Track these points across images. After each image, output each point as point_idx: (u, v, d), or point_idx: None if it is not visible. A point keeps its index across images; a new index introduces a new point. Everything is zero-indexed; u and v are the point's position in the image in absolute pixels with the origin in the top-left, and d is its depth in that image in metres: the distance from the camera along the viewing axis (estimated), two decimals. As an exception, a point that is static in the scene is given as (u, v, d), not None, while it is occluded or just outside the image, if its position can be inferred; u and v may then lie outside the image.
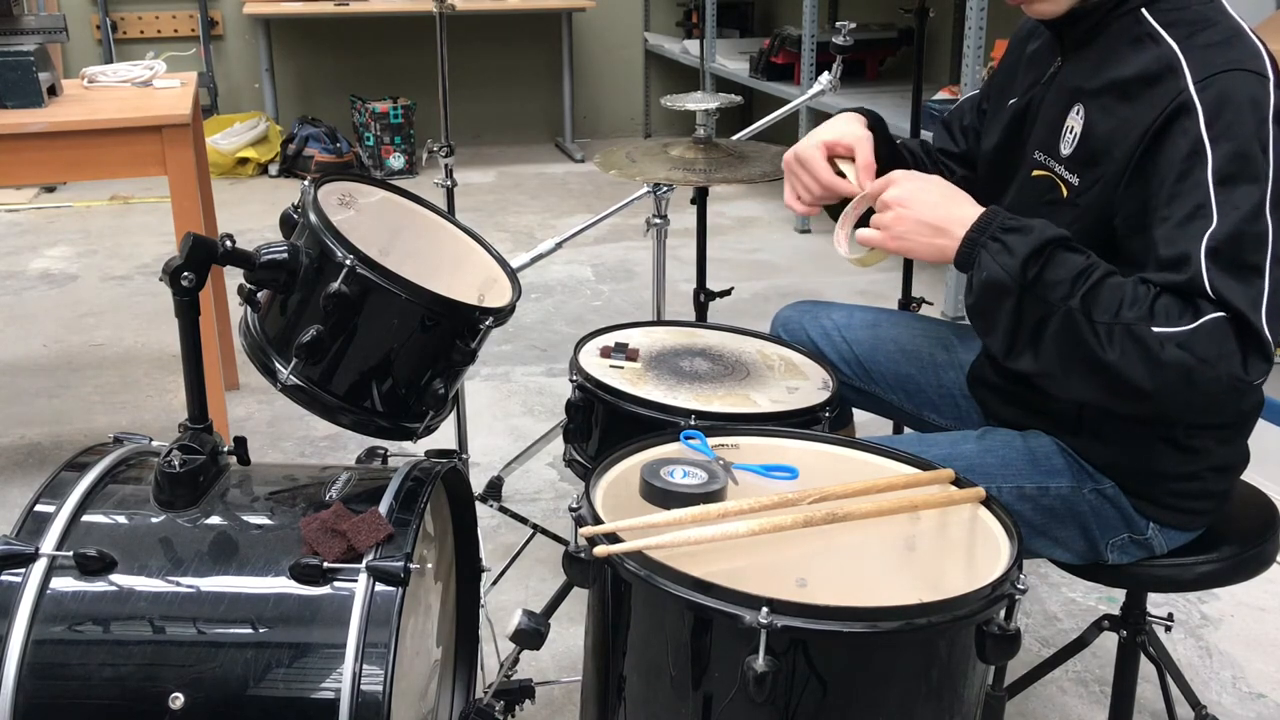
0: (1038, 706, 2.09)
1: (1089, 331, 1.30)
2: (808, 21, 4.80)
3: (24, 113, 2.53)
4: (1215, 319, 1.28)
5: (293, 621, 1.32)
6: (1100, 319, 1.30)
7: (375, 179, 1.85)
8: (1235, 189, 1.29)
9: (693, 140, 2.22)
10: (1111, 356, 1.29)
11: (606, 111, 6.87)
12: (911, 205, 1.42)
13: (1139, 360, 1.28)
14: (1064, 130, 1.49)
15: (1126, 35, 1.44)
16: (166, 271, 1.46)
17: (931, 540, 1.35)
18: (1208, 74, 1.33)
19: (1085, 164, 1.45)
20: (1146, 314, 1.29)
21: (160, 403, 3.30)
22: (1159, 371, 1.28)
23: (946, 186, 1.45)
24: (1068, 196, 1.47)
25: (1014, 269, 1.33)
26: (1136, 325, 1.29)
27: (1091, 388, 1.34)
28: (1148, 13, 1.42)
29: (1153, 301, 1.30)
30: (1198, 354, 1.27)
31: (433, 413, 1.67)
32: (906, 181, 1.45)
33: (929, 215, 1.41)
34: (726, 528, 1.22)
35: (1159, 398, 1.30)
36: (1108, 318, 1.30)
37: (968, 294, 1.40)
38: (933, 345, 1.83)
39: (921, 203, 1.42)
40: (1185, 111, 1.33)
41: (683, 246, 4.05)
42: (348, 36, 6.32)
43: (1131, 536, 1.53)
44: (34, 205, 5.35)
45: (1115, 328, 1.29)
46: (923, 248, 1.42)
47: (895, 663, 1.13)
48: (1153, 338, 1.28)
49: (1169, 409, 1.35)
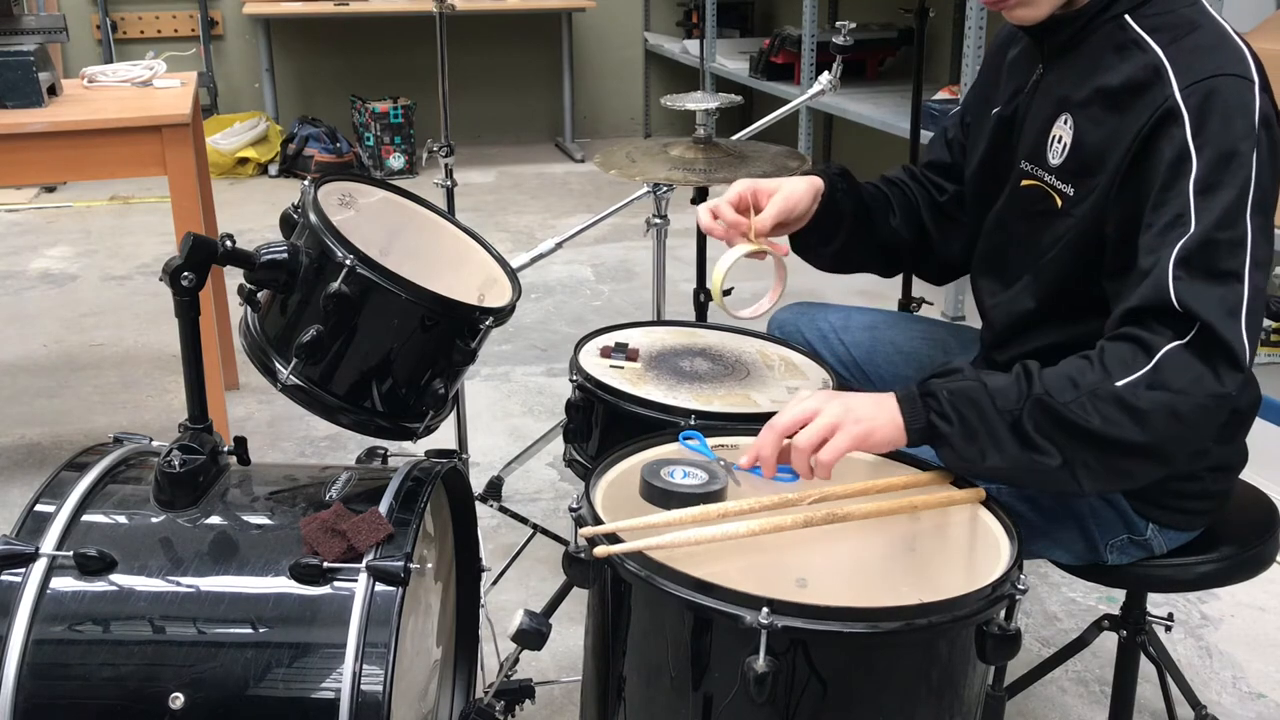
0: (1038, 706, 2.09)
1: (1064, 410, 1.25)
2: (808, 21, 4.80)
3: (24, 113, 2.53)
4: (1170, 350, 1.25)
5: (293, 621, 1.32)
6: (1065, 398, 1.26)
7: (375, 179, 1.85)
8: (1215, 195, 1.28)
9: (693, 140, 2.22)
10: (1096, 423, 1.25)
11: (606, 111, 6.87)
12: (837, 397, 1.34)
13: (1123, 417, 1.24)
14: (1051, 140, 1.48)
15: (1110, 42, 1.42)
16: (166, 271, 1.46)
17: (931, 540, 1.35)
18: (1194, 80, 1.32)
19: (1078, 174, 1.44)
20: (1103, 374, 1.26)
21: (160, 403, 3.30)
22: (1145, 420, 1.24)
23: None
24: (1062, 207, 1.46)
25: (969, 374, 1.30)
26: (1100, 387, 1.25)
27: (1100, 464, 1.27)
28: (1131, 19, 1.41)
29: (1101, 360, 1.27)
30: (1172, 388, 1.24)
31: (433, 413, 1.67)
32: (820, 393, 1.38)
33: (856, 396, 1.35)
34: (726, 528, 1.22)
35: (1159, 448, 1.26)
36: (1070, 395, 1.26)
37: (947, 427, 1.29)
38: (931, 347, 1.82)
39: (846, 396, 1.35)
40: (1172, 118, 1.32)
41: (683, 246, 4.05)
42: (348, 36, 6.32)
43: (1131, 537, 1.53)
44: (34, 205, 5.35)
45: (1083, 399, 1.25)
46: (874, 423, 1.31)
47: (895, 663, 1.13)
48: (1123, 391, 1.25)
49: (1173, 454, 1.28)
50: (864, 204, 1.69)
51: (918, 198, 1.75)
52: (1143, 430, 1.24)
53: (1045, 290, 1.50)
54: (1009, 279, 1.57)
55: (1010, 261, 1.56)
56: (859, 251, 1.72)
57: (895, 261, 1.79)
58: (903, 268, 1.83)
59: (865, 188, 1.71)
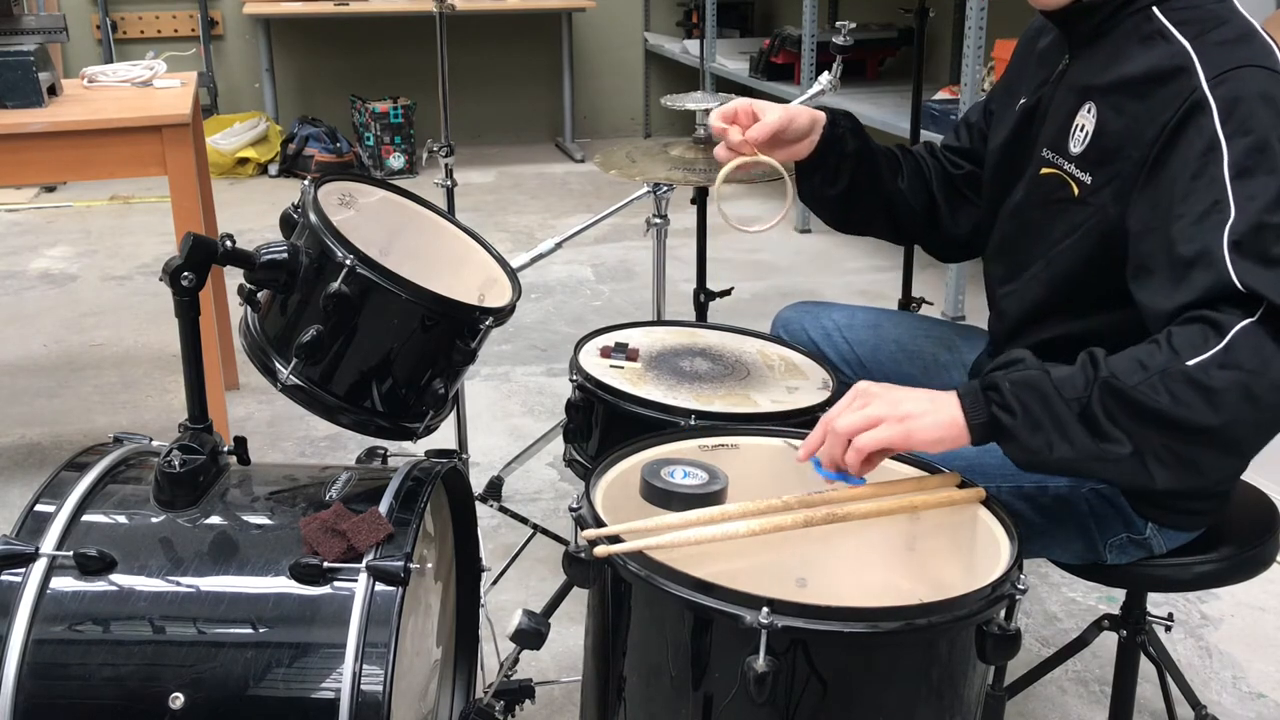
0: (1038, 706, 2.09)
1: (1132, 392, 1.20)
2: (808, 21, 4.80)
3: (24, 113, 2.53)
4: (1243, 328, 1.21)
5: (293, 621, 1.32)
6: (1134, 380, 1.21)
7: (375, 179, 1.85)
8: (1252, 180, 1.26)
9: (693, 140, 2.22)
10: (1165, 402, 1.20)
11: (606, 111, 6.87)
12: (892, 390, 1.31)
13: (1194, 397, 1.19)
14: (1074, 128, 1.48)
15: (1137, 33, 1.43)
16: (166, 271, 1.46)
17: (931, 540, 1.35)
18: (1221, 70, 1.32)
19: (1098, 162, 1.43)
20: (1172, 354, 1.22)
21: (160, 403, 3.30)
22: (1217, 400, 1.19)
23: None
24: (1079, 195, 1.45)
25: (1032, 363, 1.26)
26: (1170, 367, 1.20)
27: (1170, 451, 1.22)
28: (1159, 10, 1.41)
29: (1170, 342, 1.23)
30: (1245, 367, 1.19)
31: (433, 413, 1.67)
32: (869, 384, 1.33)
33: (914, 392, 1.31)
34: (727, 528, 1.22)
35: (1231, 431, 1.20)
36: (1139, 376, 1.21)
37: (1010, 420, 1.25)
38: (935, 345, 1.83)
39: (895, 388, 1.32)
40: (1200, 109, 1.31)
41: (683, 246, 4.05)
42: (348, 36, 6.32)
43: (1130, 537, 1.53)
44: (34, 205, 5.35)
45: (1153, 379, 1.20)
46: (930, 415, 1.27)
47: (895, 663, 1.13)
48: (1194, 370, 1.20)
49: (1244, 440, 1.23)
50: (870, 150, 1.69)
51: (930, 169, 1.76)
52: (1215, 411, 1.19)
53: (1057, 280, 1.50)
54: (1021, 267, 1.56)
55: (1023, 249, 1.56)
56: (865, 201, 1.71)
57: (900, 227, 1.77)
58: (909, 236, 1.82)
59: (875, 144, 1.71)
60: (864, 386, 1.32)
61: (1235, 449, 1.23)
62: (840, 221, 1.77)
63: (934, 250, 1.83)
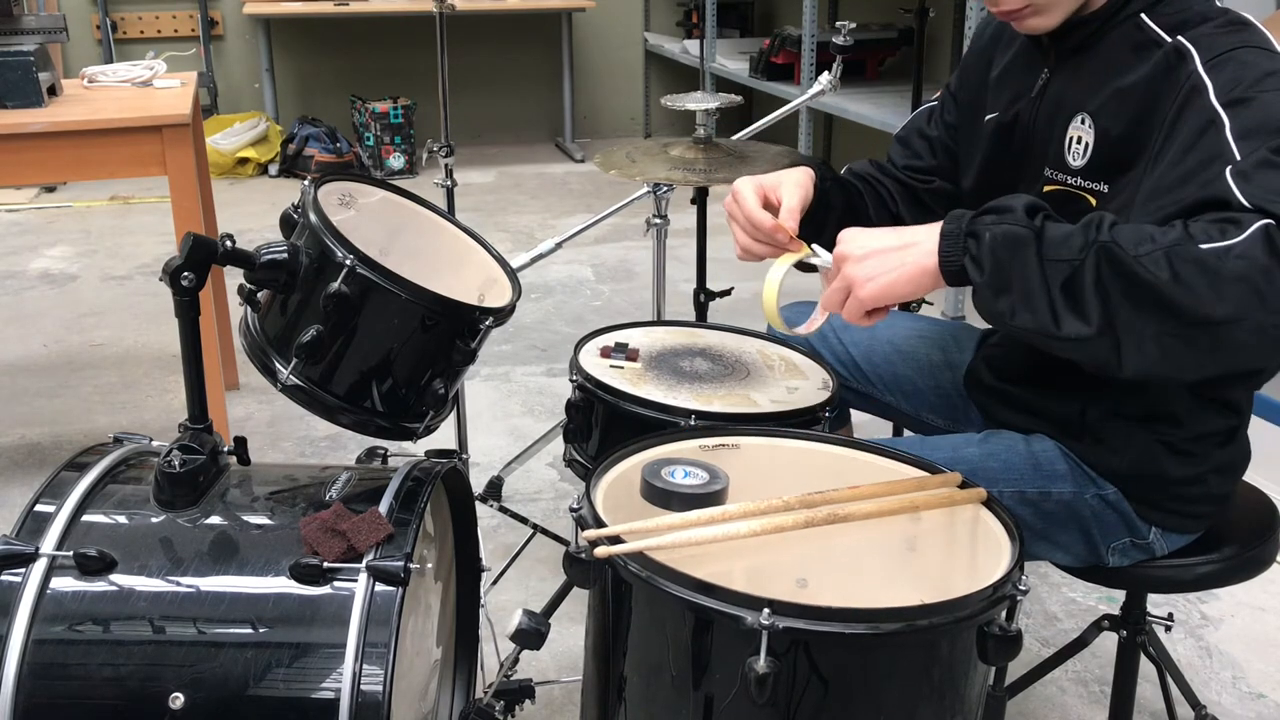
0: (1038, 706, 2.09)
1: (1132, 263, 1.13)
2: (808, 21, 4.80)
3: (24, 113, 2.53)
4: (1263, 226, 1.13)
5: (293, 621, 1.32)
6: (1139, 251, 1.13)
7: (375, 179, 1.85)
8: (1257, 139, 1.21)
9: (693, 140, 2.22)
10: (1164, 277, 1.12)
11: (606, 111, 6.87)
12: (863, 245, 1.29)
13: (1200, 280, 1.11)
14: (1069, 142, 1.45)
15: (1127, 42, 1.40)
16: (166, 271, 1.46)
17: (933, 541, 1.35)
18: (1216, 53, 1.30)
19: (1112, 170, 1.40)
20: (1185, 236, 1.14)
21: (160, 403, 3.30)
22: (1226, 290, 1.11)
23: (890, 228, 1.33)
24: (1098, 205, 1.42)
25: (1020, 220, 1.20)
26: (1181, 246, 1.13)
27: (1154, 334, 1.15)
28: (1148, 18, 1.39)
29: (1185, 226, 1.16)
30: (1261, 262, 1.11)
31: (433, 413, 1.67)
32: (849, 235, 1.32)
33: (887, 241, 1.28)
34: (727, 528, 1.22)
35: (1227, 326, 1.12)
36: (1147, 248, 1.13)
37: (978, 276, 1.22)
38: (930, 346, 1.82)
39: (871, 238, 1.30)
40: (1196, 92, 1.28)
41: (683, 246, 4.05)
42: (348, 36, 6.32)
43: (1133, 541, 1.53)
44: (34, 205, 5.35)
45: (1158, 254, 1.13)
46: (898, 272, 1.26)
47: (896, 664, 1.13)
48: (1206, 254, 1.12)
49: (1236, 341, 1.13)
50: (849, 195, 1.67)
51: (891, 192, 1.72)
52: (1219, 300, 1.12)
53: None
54: None
55: None
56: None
57: None
58: None
59: (850, 188, 1.68)
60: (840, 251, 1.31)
61: (1225, 347, 1.15)
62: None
63: None
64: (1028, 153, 1.54)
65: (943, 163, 1.71)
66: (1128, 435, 1.49)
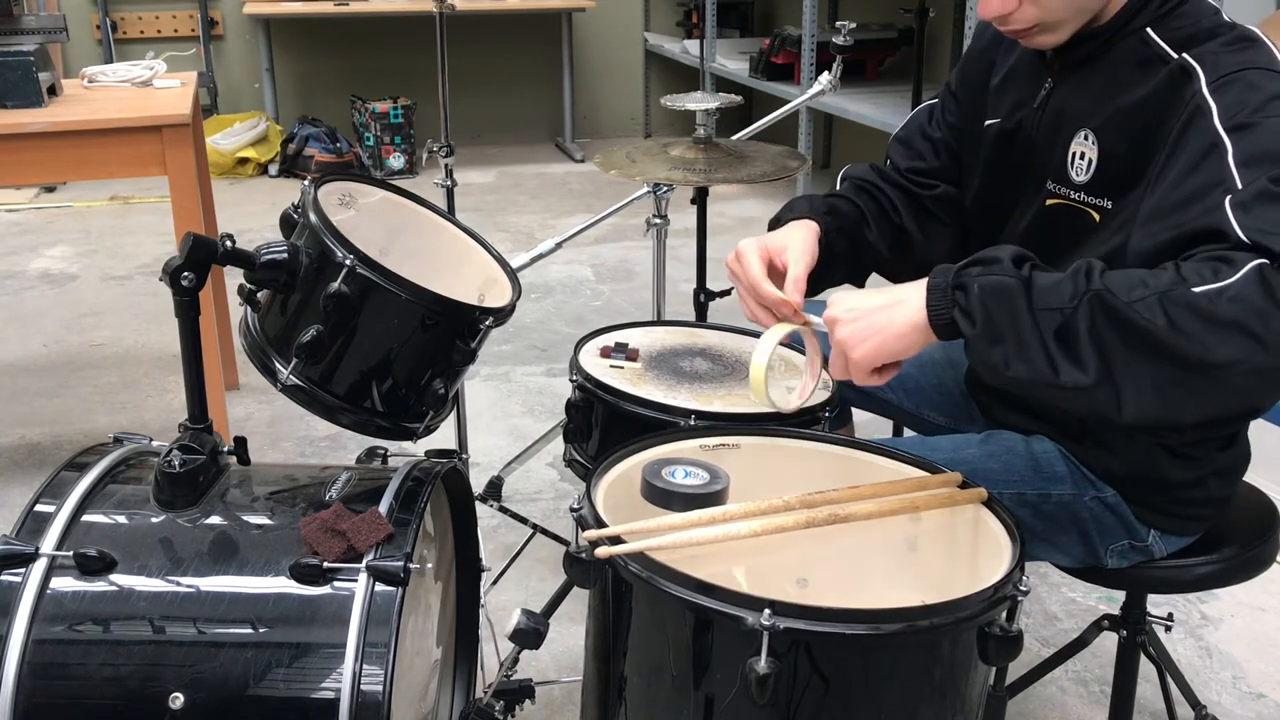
0: (1038, 706, 2.09)
1: (1126, 309, 1.12)
2: (808, 21, 4.80)
3: (24, 113, 2.53)
4: (1257, 266, 1.12)
5: (293, 621, 1.32)
6: (1131, 297, 1.12)
7: (375, 179, 1.85)
8: (1260, 168, 1.21)
9: (693, 140, 2.22)
10: (1160, 324, 1.10)
11: (606, 111, 6.87)
12: (850, 308, 1.30)
13: (1195, 325, 1.10)
14: (1072, 157, 1.44)
15: (1132, 57, 1.39)
16: (166, 271, 1.46)
17: (933, 541, 1.35)
18: (1222, 74, 1.28)
19: (1116, 187, 1.39)
20: (1178, 279, 1.13)
21: (160, 403, 3.29)
22: (1223, 335, 1.10)
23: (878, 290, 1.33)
24: (1101, 221, 1.40)
25: (1007, 270, 1.21)
26: (1174, 291, 1.12)
27: (1153, 380, 1.14)
28: (1154, 32, 1.37)
29: (1177, 269, 1.15)
30: (1257, 304, 1.10)
31: (433, 413, 1.66)
32: (837, 299, 1.33)
33: (874, 302, 1.29)
34: (728, 529, 1.22)
35: (1224, 370, 1.11)
36: (1140, 293, 1.12)
37: (969, 329, 1.21)
38: (932, 344, 1.81)
39: (859, 300, 1.31)
40: (1200, 114, 1.27)
41: (683, 246, 4.05)
42: (348, 36, 6.31)
43: (1132, 543, 1.53)
44: (34, 205, 5.35)
45: (1151, 300, 1.12)
46: (887, 331, 1.27)
47: (897, 664, 1.13)
48: (1199, 297, 1.11)
49: (1235, 384, 1.13)
50: (851, 237, 1.62)
51: (895, 201, 1.67)
52: (1217, 344, 1.11)
53: None
54: None
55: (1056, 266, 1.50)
56: (842, 279, 1.65)
57: (865, 275, 1.70)
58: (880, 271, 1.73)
59: (839, 207, 1.62)
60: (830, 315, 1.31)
61: (1224, 390, 1.13)
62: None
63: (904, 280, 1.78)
64: (1029, 164, 1.52)
65: (946, 164, 1.68)
66: (1128, 438, 1.49)
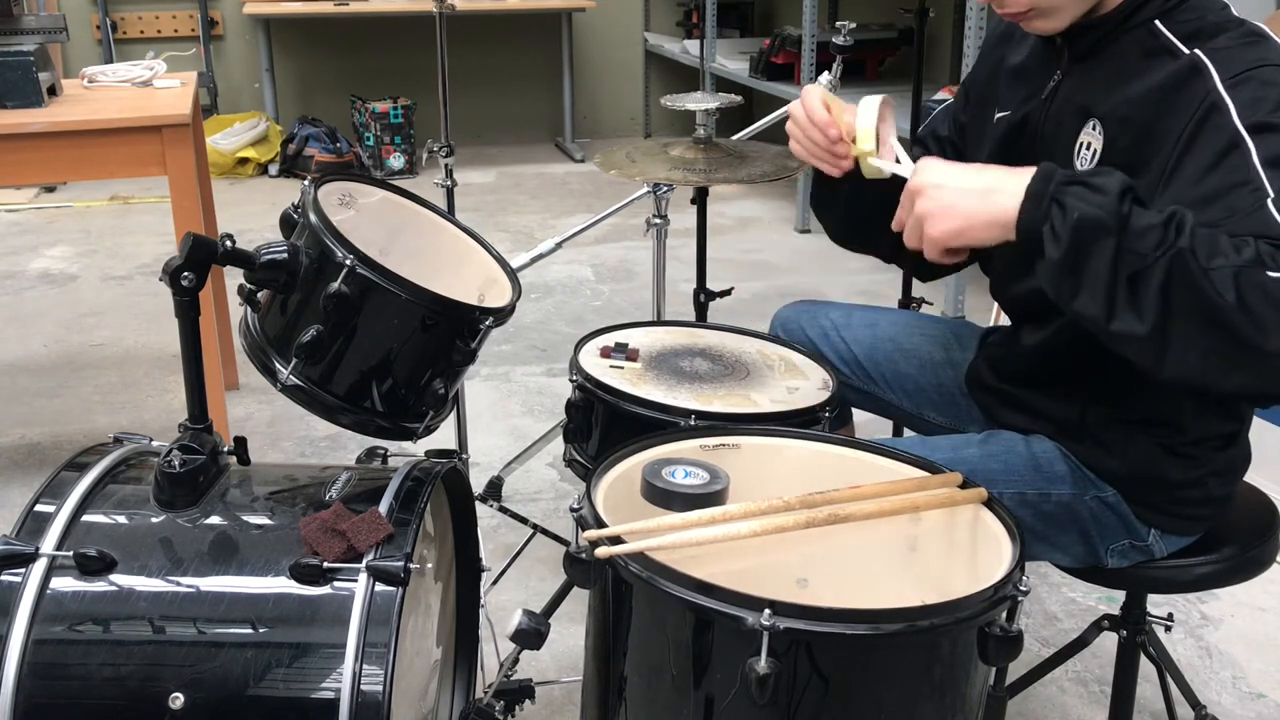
0: (1038, 706, 2.09)
1: (1201, 276, 1.12)
2: (808, 21, 4.79)
3: (24, 113, 2.53)
4: None
5: (293, 621, 1.32)
6: (1211, 264, 1.13)
7: (375, 179, 1.85)
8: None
9: (693, 140, 2.22)
10: (1230, 299, 1.11)
11: (606, 111, 6.87)
12: (941, 178, 1.29)
13: (1264, 307, 1.11)
14: (1078, 147, 1.43)
15: (1139, 48, 1.39)
16: (166, 271, 1.46)
17: (933, 541, 1.35)
18: (1237, 72, 1.28)
19: None
20: (1257, 259, 1.13)
21: (160, 403, 3.29)
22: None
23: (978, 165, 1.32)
24: None
25: (1110, 206, 1.17)
26: (1252, 269, 1.12)
27: (1203, 349, 1.15)
28: (1161, 24, 1.37)
29: (1258, 249, 1.14)
30: None
31: (433, 413, 1.66)
32: (929, 164, 1.31)
33: (972, 182, 1.26)
34: (728, 529, 1.22)
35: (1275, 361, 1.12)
36: (1219, 262, 1.13)
37: (1054, 252, 1.20)
38: (932, 344, 1.82)
39: (952, 173, 1.29)
40: (1216, 110, 1.26)
41: (683, 246, 4.05)
42: (348, 36, 6.31)
43: (1132, 543, 1.53)
44: (34, 205, 5.35)
45: (1227, 273, 1.12)
46: (974, 218, 1.25)
47: (897, 664, 1.13)
48: (1273, 282, 1.11)
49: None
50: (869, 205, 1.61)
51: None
52: (1277, 330, 1.11)
53: None
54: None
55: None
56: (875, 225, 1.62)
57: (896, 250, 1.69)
58: (900, 260, 1.78)
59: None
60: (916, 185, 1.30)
61: (1265, 373, 1.15)
62: (845, 238, 1.72)
63: (916, 269, 1.80)
64: (1035, 155, 1.51)
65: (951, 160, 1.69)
66: (1128, 438, 1.49)
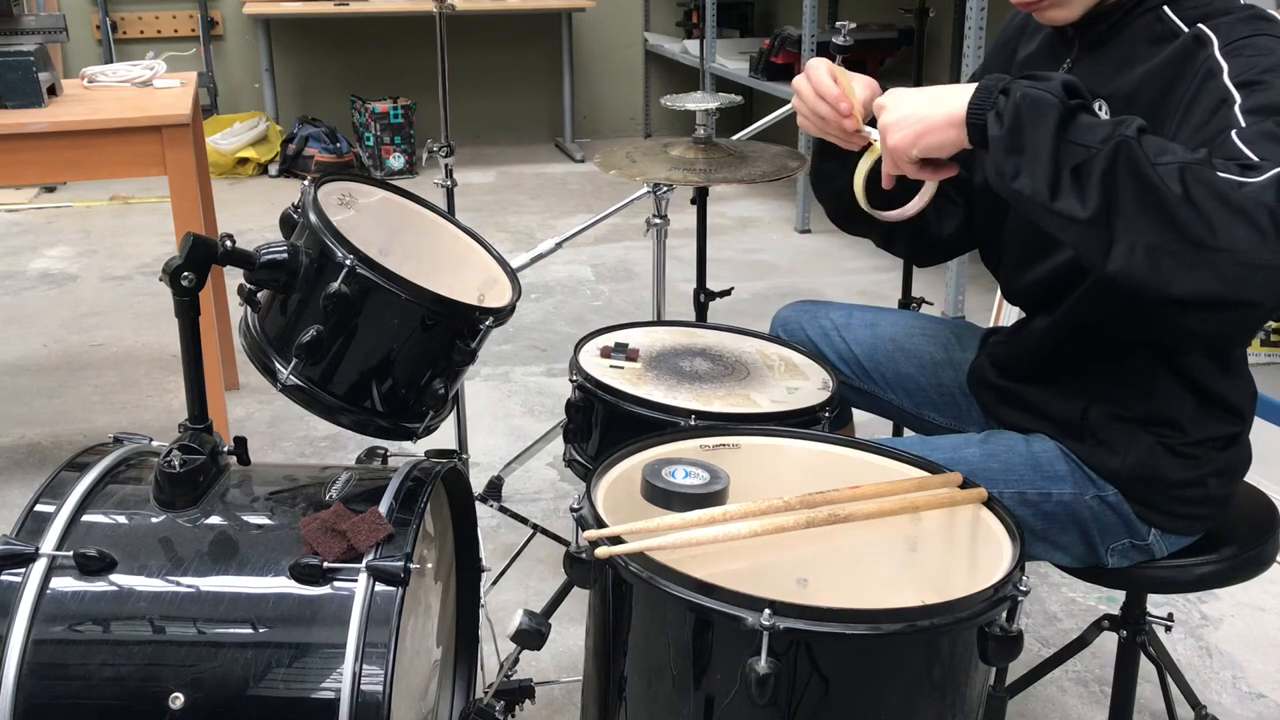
0: (1038, 706, 2.09)
1: (1149, 167, 1.13)
2: (808, 21, 4.79)
3: (24, 113, 2.53)
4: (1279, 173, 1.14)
5: (293, 621, 1.32)
6: (1160, 160, 1.14)
7: (375, 179, 1.85)
8: (1265, 116, 1.22)
9: (693, 140, 2.22)
10: (1176, 191, 1.12)
11: (606, 111, 6.86)
12: (898, 99, 1.35)
13: (1209, 202, 1.11)
14: None
15: (1147, 34, 1.41)
16: (166, 271, 1.46)
17: (933, 541, 1.35)
18: (1234, 39, 1.31)
19: None
20: (1205, 160, 1.15)
21: (160, 403, 3.29)
22: (1230, 220, 1.11)
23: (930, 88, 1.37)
24: None
25: (1055, 90, 1.20)
26: (1199, 168, 1.13)
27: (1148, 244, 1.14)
28: (1170, 10, 1.39)
29: (1208, 154, 1.16)
30: (1270, 204, 1.11)
31: (433, 413, 1.67)
32: (894, 91, 1.38)
33: (929, 93, 1.33)
34: (728, 529, 1.22)
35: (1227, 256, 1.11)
36: (1167, 159, 1.14)
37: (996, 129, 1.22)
38: (932, 344, 1.82)
39: (908, 94, 1.35)
40: (1212, 75, 1.29)
41: (683, 246, 4.05)
42: (348, 36, 6.31)
43: (1132, 542, 1.53)
44: (34, 205, 5.35)
45: (1174, 167, 1.13)
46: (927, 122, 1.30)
47: (897, 664, 1.13)
48: (1220, 180, 1.13)
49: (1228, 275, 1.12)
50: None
51: None
52: (1223, 226, 1.11)
53: None
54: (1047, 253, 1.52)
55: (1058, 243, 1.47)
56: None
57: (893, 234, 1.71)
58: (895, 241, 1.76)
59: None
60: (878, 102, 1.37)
61: (1213, 273, 1.13)
62: (845, 218, 1.73)
63: (912, 254, 1.80)
64: None
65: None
66: (1129, 437, 1.49)
